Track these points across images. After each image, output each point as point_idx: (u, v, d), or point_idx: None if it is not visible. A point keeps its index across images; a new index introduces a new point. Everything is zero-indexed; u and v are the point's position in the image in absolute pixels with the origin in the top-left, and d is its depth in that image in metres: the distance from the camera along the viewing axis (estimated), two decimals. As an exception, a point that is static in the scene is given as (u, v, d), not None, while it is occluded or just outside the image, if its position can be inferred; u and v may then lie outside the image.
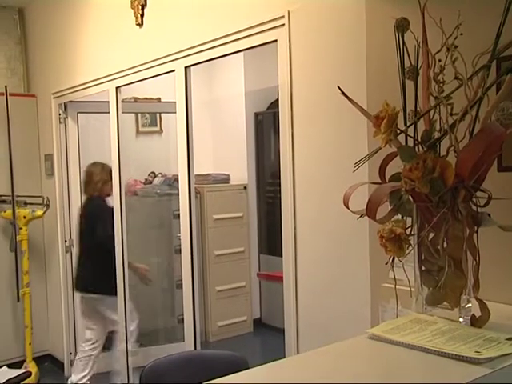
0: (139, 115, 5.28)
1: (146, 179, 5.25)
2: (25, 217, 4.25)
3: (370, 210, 1.32)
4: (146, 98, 4.94)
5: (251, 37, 2.43)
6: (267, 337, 5.03)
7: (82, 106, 4.32)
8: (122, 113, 3.60)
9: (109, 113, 3.65)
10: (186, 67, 2.89)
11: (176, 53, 2.93)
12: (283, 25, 2.26)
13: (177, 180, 4.98)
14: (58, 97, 4.29)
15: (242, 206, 5.29)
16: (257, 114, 5.46)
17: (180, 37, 2.93)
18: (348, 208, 1.39)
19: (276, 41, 2.31)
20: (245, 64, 5.20)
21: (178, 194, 3.09)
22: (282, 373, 1.16)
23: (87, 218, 4.04)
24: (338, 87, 1.42)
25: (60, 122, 4.34)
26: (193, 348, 2.96)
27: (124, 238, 3.60)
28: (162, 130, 5.45)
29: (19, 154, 4.46)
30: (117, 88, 3.51)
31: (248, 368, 2.19)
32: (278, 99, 5.78)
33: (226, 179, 5.40)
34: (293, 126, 2.28)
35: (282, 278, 4.14)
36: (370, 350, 1.25)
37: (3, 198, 4.38)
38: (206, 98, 5.39)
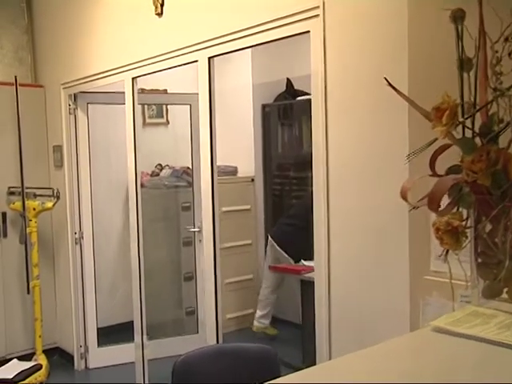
0: (145, 106, 5.24)
1: (153, 171, 5.21)
2: (34, 209, 4.19)
3: (433, 203, 1.31)
4: (153, 90, 4.89)
5: (281, 27, 2.38)
6: (276, 329, 5.01)
7: (92, 97, 4.27)
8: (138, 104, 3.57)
9: (119, 104, 3.60)
10: (209, 58, 2.85)
11: (199, 43, 2.88)
12: (317, 15, 2.22)
13: (185, 172, 4.97)
14: (68, 87, 4.23)
15: (250, 199, 5.27)
16: (264, 106, 5.43)
17: (204, 27, 2.88)
18: (406, 201, 1.38)
19: (308, 32, 2.28)
20: (252, 56, 5.16)
21: (188, 187, 3.04)
22: (343, 370, 1.13)
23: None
24: (385, 78, 1.40)
25: (69, 113, 4.28)
26: (214, 341, 2.94)
27: (140, 229, 3.57)
28: (168, 122, 5.41)
29: (27, 145, 4.39)
30: (133, 78, 3.46)
31: (277, 361, 2.19)
32: (285, 91, 5.74)
33: (233, 171, 5.36)
34: (327, 116, 2.24)
35: (297, 270, 4.18)
36: (434, 343, 1.24)
37: (12, 189, 4.33)
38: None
